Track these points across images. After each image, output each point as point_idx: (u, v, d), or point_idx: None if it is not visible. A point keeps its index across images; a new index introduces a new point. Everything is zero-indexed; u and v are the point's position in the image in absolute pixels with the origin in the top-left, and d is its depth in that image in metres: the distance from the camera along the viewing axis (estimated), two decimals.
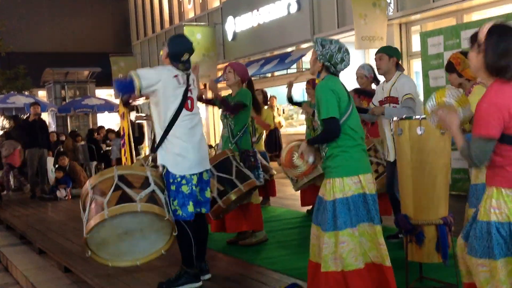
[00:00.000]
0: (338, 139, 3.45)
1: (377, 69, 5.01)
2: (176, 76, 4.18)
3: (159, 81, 4.09)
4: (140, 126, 12.06)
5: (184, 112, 4.18)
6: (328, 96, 3.43)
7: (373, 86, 5.85)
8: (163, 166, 4.16)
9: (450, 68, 4.18)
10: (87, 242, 3.84)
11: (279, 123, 12.28)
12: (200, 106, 4.62)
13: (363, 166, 3.49)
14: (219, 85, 12.75)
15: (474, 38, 2.57)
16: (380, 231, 3.46)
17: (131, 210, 3.77)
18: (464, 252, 2.67)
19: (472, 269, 2.62)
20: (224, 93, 5.92)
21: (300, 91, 11.99)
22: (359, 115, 5.36)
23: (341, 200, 3.39)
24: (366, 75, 5.83)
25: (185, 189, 4.12)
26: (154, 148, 4.27)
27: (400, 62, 5.03)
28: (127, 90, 4.14)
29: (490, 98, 2.46)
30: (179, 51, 4.20)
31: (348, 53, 3.58)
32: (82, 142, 14.26)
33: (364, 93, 5.71)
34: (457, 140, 2.59)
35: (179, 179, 4.11)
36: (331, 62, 3.51)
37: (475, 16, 9.47)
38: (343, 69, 3.60)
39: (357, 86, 6.01)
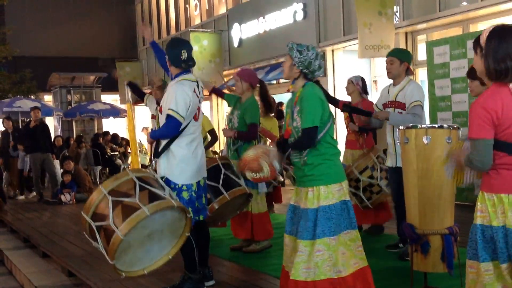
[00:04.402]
0: (320, 147, 3.46)
1: (387, 73, 4.90)
2: (194, 91, 4.15)
3: (190, 105, 4.07)
4: None
5: (192, 122, 4.17)
6: (316, 104, 3.43)
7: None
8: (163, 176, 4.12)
9: (473, 75, 4.05)
10: (117, 248, 3.56)
11: None
12: (205, 106, 4.61)
13: (343, 173, 3.56)
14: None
15: (477, 42, 2.62)
16: (358, 235, 3.52)
17: (169, 205, 3.69)
18: None
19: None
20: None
21: None
22: (365, 118, 5.30)
23: (324, 208, 3.40)
24: (352, 81, 5.88)
25: (185, 195, 4.12)
26: (156, 154, 4.24)
27: (410, 66, 4.93)
28: (175, 130, 4.07)
29: (481, 101, 2.51)
30: (177, 50, 4.12)
31: (323, 60, 3.59)
32: (84, 150, 14.23)
33: (355, 110, 5.41)
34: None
35: (180, 185, 4.11)
36: (309, 69, 3.51)
37: (481, 26, 9.46)
38: (319, 76, 3.61)
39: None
